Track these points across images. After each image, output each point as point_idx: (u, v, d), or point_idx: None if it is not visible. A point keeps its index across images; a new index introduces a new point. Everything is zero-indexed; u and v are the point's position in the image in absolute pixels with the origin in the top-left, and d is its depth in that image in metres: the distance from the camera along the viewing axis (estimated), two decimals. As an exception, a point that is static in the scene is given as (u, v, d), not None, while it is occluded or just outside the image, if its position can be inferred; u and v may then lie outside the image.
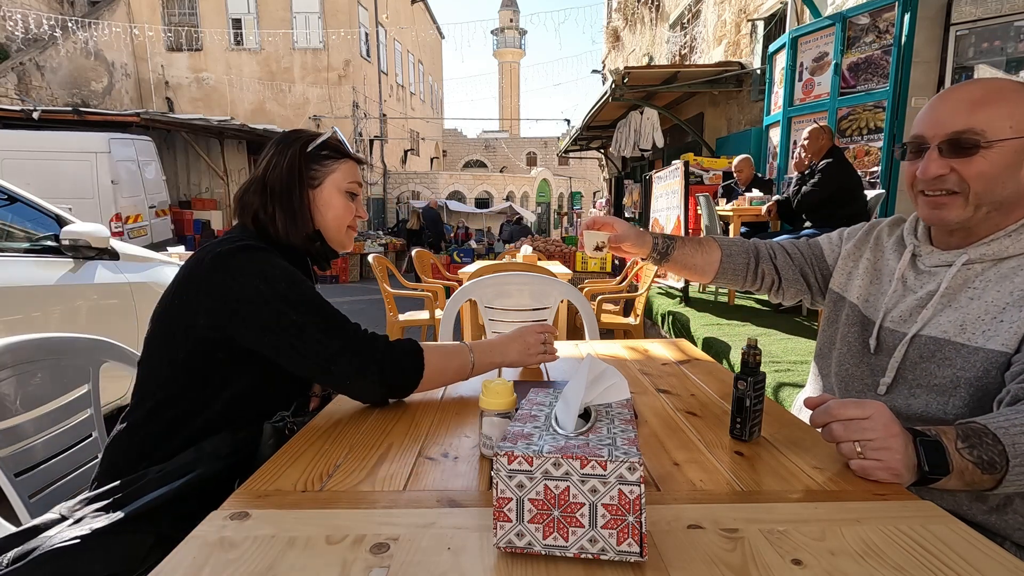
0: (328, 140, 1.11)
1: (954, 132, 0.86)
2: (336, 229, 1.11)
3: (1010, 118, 0.83)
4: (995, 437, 0.69)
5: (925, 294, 0.94)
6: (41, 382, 1.08)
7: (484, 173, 26.14)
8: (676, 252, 1.21)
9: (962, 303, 0.90)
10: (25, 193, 2.54)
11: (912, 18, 4.07)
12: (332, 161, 1.09)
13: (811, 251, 1.23)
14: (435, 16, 26.98)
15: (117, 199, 7.66)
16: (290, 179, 1.04)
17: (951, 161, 0.87)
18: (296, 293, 0.92)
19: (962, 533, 0.56)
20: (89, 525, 0.75)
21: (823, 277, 1.21)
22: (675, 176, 4.34)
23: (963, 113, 0.85)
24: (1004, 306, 0.85)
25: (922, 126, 0.91)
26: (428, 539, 0.56)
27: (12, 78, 11.58)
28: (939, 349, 0.89)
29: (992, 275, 0.89)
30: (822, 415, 0.72)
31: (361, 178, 1.15)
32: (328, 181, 1.08)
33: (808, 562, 0.52)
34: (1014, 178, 0.86)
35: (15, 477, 0.98)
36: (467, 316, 2.85)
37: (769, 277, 1.24)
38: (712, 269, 1.23)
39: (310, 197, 1.07)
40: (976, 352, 0.85)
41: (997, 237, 0.89)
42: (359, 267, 11.65)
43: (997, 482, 0.70)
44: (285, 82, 16.16)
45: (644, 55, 11.86)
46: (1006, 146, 0.83)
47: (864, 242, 1.13)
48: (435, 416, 0.94)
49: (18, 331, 1.10)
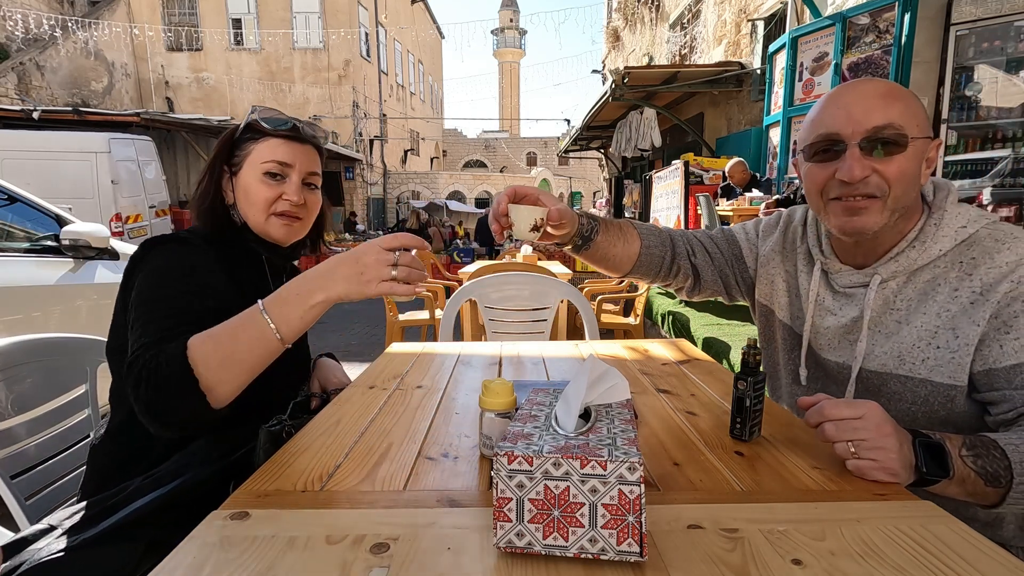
0: (250, 121, 0.99)
1: (875, 128, 0.79)
2: (254, 218, 0.99)
3: (915, 116, 0.80)
4: (1003, 452, 0.69)
5: (849, 321, 0.91)
6: (37, 383, 1.08)
7: (484, 173, 26.16)
8: (599, 237, 1.03)
9: (891, 328, 0.87)
10: (25, 193, 2.54)
11: (912, 18, 4.07)
12: (251, 142, 0.98)
13: (730, 250, 1.14)
14: (435, 16, 27.00)
15: (117, 199, 7.65)
16: (209, 170, 0.98)
17: (872, 161, 0.81)
18: (152, 291, 0.83)
19: (962, 533, 0.56)
20: (77, 536, 0.73)
21: (743, 280, 1.14)
22: (675, 176, 4.35)
23: (878, 108, 0.80)
24: (935, 330, 0.83)
25: (833, 123, 0.83)
26: (428, 539, 0.56)
27: (12, 78, 11.59)
28: (884, 384, 0.88)
29: (911, 292, 0.86)
30: (815, 415, 0.72)
31: (293, 154, 0.99)
32: (246, 165, 0.98)
33: (808, 562, 0.52)
34: (918, 181, 0.83)
35: (11, 479, 0.98)
36: (467, 316, 2.85)
37: (684, 275, 1.13)
38: (628, 263, 1.10)
39: (233, 186, 0.99)
40: (923, 384, 0.84)
41: (902, 250, 0.86)
42: (359, 267, 11.63)
43: (1000, 497, 0.70)
44: (285, 82, 16.17)
45: (644, 55, 11.86)
46: (918, 145, 0.80)
47: (780, 246, 1.07)
48: (435, 416, 0.94)
49: (18, 331, 1.11)
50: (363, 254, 0.76)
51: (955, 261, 0.84)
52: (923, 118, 0.82)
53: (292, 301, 0.76)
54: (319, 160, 1.06)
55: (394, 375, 1.20)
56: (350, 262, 0.76)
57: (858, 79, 0.90)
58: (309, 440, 0.83)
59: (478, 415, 0.77)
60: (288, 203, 0.98)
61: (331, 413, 0.95)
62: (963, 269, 0.83)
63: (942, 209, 0.86)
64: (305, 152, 1.01)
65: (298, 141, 1.00)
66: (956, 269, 0.84)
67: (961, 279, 0.83)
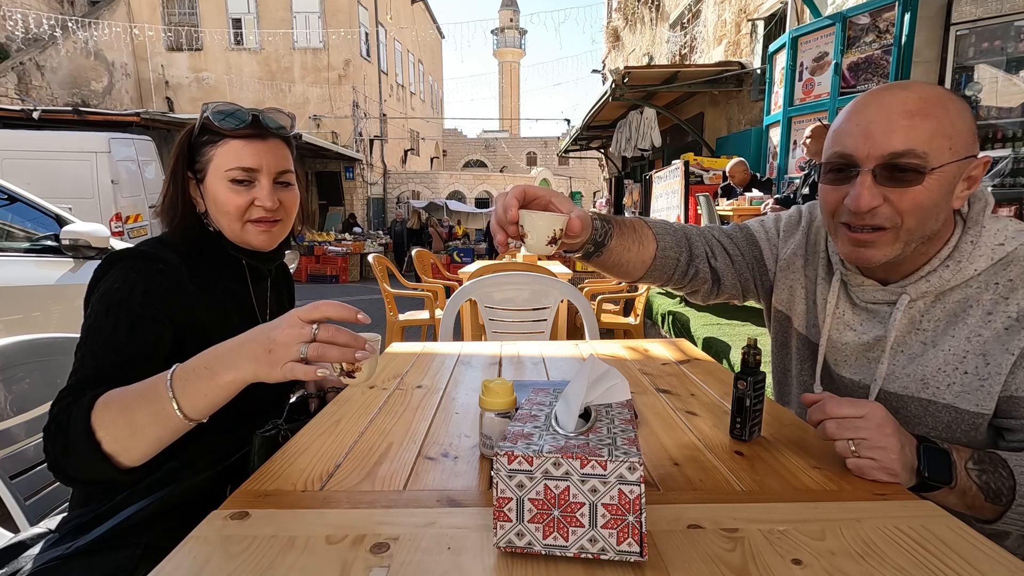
0: (204, 122, 0.90)
1: (892, 154, 0.72)
2: (229, 227, 0.93)
3: (949, 137, 0.71)
4: (1010, 472, 0.68)
5: (871, 339, 0.85)
6: (37, 383, 1.08)
7: (484, 173, 26.15)
8: (613, 242, 0.92)
9: (915, 349, 0.82)
10: (25, 193, 2.54)
11: (912, 18, 4.07)
12: (210, 146, 0.90)
13: (751, 251, 1.04)
14: (435, 16, 27.00)
15: (117, 199, 7.65)
16: (171, 179, 0.92)
17: (885, 190, 0.73)
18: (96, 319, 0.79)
19: (962, 533, 0.56)
20: (74, 541, 0.73)
21: (761, 283, 1.05)
22: (675, 176, 4.35)
23: (901, 129, 0.71)
24: (964, 355, 0.77)
25: (850, 142, 0.75)
26: (428, 539, 0.56)
27: (12, 78, 11.58)
28: (903, 407, 0.82)
29: (939, 313, 0.81)
30: (817, 412, 0.71)
31: (258, 155, 0.90)
32: (210, 172, 0.91)
33: (808, 562, 0.52)
34: (946, 208, 0.75)
35: (10, 480, 0.97)
36: (467, 316, 2.85)
37: (702, 279, 1.02)
38: (642, 268, 0.99)
39: (201, 193, 0.92)
40: (946, 410, 0.79)
41: (934, 268, 0.79)
42: (359, 267, 11.65)
43: (997, 515, 0.69)
44: (285, 82, 16.17)
45: (644, 55, 11.86)
46: (945, 171, 0.72)
47: (803, 249, 0.99)
48: (435, 416, 0.94)
49: (18, 331, 1.10)
50: (275, 328, 0.65)
51: (990, 282, 0.78)
52: (961, 136, 0.73)
53: (201, 376, 0.66)
54: (289, 154, 0.97)
55: (394, 375, 1.20)
56: (261, 338, 0.65)
57: (896, 84, 0.79)
58: (309, 440, 0.83)
59: (478, 415, 0.77)
60: (262, 209, 0.91)
61: (331, 413, 0.95)
62: (998, 292, 0.77)
63: (979, 224, 0.79)
64: (271, 149, 0.93)
65: (261, 139, 0.91)
66: (991, 291, 0.77)
67: (996, 302, 0.77)
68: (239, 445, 0.88)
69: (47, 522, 0.79)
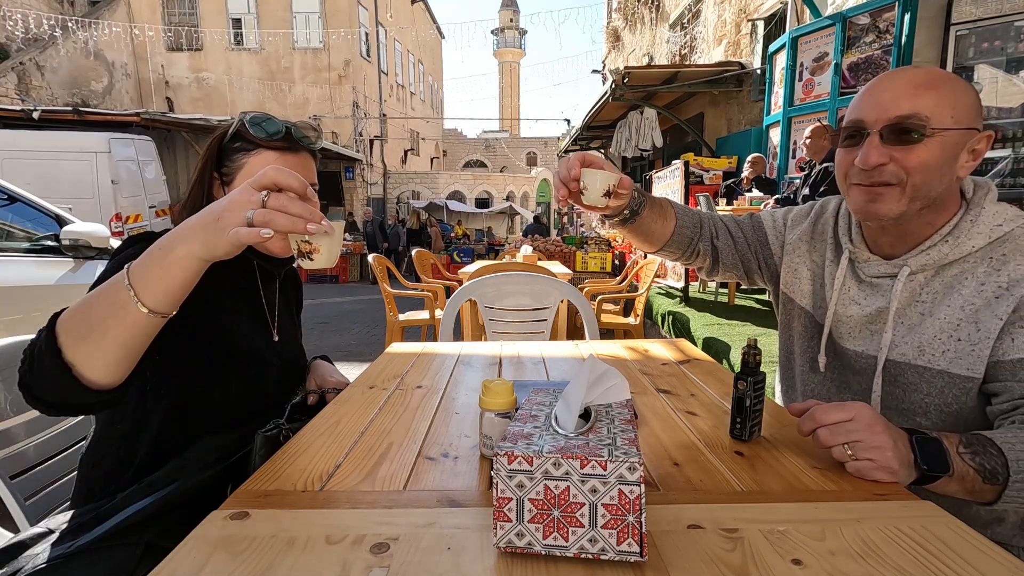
0: (239, 129, 0.93)
1: (898, 117, 0.80)
2: None
3: (952, 107, 0.80)
4: (999, 449, 0.69)
5: (874, 311, 0.92)
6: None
7: (484, 173, 26.13)
8: (645, 212, 1.07)
9: (914, 320, 0.88)
10: (25, 193, 2.54)
11: (912, 18, 4.07)
12: (243, 154, 0.93)
13: (756, 236, 1.16)
14: (435, 16, 26.99)
15: (117, 199, 7.65)
16: (198, 178, 0.93)
17: (892, 149, 0.81)
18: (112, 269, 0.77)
19: (962, 533, 0.56)
20: (73, 541, 0.73)
21: (767, 266, 1.15)
22: (675, 176, 4.35)
23: (907, 96, 0.80)
24: (958, 323, 0.83)
25: (862, 110, 0.85)
26: (428, 539, 0.56)
27: (12, 78, 11.59)
28: (901, 374, 0.88)
29: (937, 285, 0.87)
30: (808, 422, 0.72)
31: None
32: (239, 176, 0.93)
33: (808, 562, 0.52)
34: (949, 173, 0.82)
35: (10, 480, 0.97)
36: (467, 316, 2.85)
37: (704, 255, 1.16)
38: (661, 240, 1.14)
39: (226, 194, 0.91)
40: (940, 376, 0.84)
41: (935, 243, 0.87)
42: (359, 267, 11.65)
43: (997, 494, 0.70)
44: (285, 82, 16.17)
45: (644, 55, 11.86)
46: (947, 137, 0.80)
47: (809, 235, 1.08)
48: (435, 416, 0.94)
49: (18, 331, 1.10)
50: (227, 197, 0.63)
51: (985, 256, 0.84)
52: (965, 108, 0.80)
53: (155, 258, 0.63)
54: (314, 167, 1.01)
55: (394, 375, 1.20)
56: (214, 207, 0.62)
57: (908, 66, 0.91)
58: (309, 440, 0.83)
59: (478, 415, 0.77)
60: None
61: (331, 413, 0.95)
62: (992, 264, 0.83)
63: (980, 207, 0.86)
64: (301, 163, 0.96)
65: (292, 152, 0.94)
66: (985, 264, 0.84)
67: (989, 274, 0.83)
68: (240, 445, 0.88)
69: (47, 522, 0.78)
